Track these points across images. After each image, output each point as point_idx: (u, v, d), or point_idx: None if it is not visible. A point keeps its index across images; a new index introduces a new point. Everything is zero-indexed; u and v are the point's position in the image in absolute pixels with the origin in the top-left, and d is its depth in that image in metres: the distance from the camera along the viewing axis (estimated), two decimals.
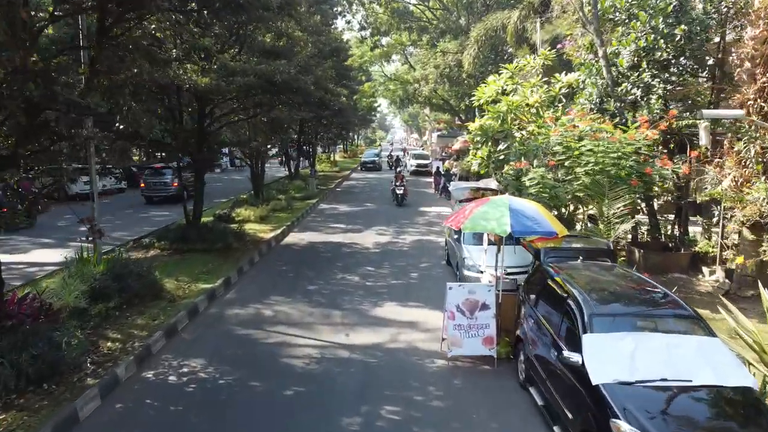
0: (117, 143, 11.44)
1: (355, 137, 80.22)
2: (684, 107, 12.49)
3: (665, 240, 13.70)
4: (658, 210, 13.88)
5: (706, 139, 9.17)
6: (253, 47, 15.45)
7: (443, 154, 44.77)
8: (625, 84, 12.27)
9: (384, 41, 38.26)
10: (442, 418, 6.70)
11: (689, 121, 11.44)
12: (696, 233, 13.81)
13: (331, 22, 32.42)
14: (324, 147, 49.72)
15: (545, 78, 15.07)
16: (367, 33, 36.77)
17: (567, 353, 5.72)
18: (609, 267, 7.73)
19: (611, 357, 5.42)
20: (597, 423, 5.13)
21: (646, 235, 14.08)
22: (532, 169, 11.27)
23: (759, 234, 9.89)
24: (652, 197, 12.94)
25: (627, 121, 11.74)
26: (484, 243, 10.33)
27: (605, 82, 12.65)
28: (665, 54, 11.64)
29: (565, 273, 7.19)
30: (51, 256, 12.96)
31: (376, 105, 54.08)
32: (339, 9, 35.31)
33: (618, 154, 10.23)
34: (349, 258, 14.94)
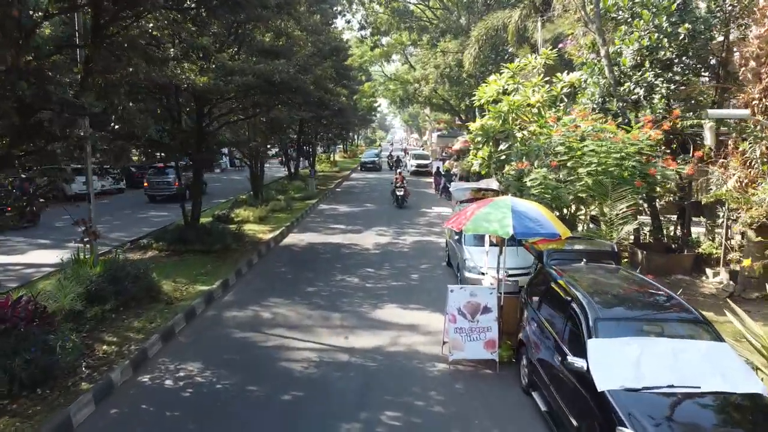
0: (115, 143, 11.33)
1: (355, 137, 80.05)
2: (687, 107, 12.35)
3: (668, 241, 13.57)
4: (660, 211, 13.75)
5: (711, 140, 9.05)
6: (252, 47, 15.33)
7: (443, 154, 44.67)
8: (628, 83, 12.14)
9: (384, 41, 38.10)
10: (443, 424, 6.57)
11: (693, 121, 11.30)
12: (699, 234, 13.67)
13: (331, 21, 32.28)
14: (324, 147, 49.54)
15: (547, 78, 14.93)
16: (367, 32, 36.61)
17: (571, 358, 5.59)
18: (613, 269, 7.60)
19: (617, 363, 5.29)
20: (602, 431, 4.99)
21: (648, 236, 13.95)
22: (533, 170, 11.13)
23: (765, 236, 9.75)
24: (654, 198, 12.81)
25: (630, 121, 11.61)
26: (485, 244, 10.20)
27: (607, 81, 12.52)
28: (668, 53, 11.51)
29: (569, 276, 7.06)
30: (48, 257, 12.83)
31: (376, 105, 53.90)
32: (339, 8, 35.17)
33: (621, 154, 10.10)
34: (349, 259, 14.81)
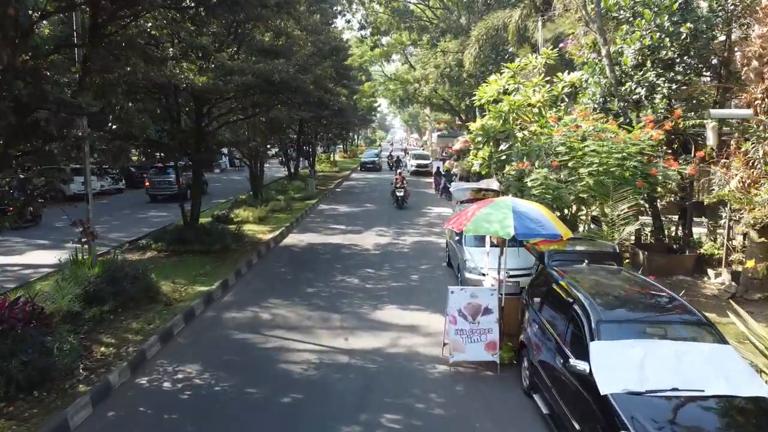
0: (114, 143, 11.27)
1: (355, 137, 79.99)
2: (688, 107, 12.29)
3: (669, 242, 13.51)
4: (660, 211, 13.69)
5: (713, 140, 8.98)
6: (252, 46, 15.27)
7: (443, 154, 44.60)
8: (630, 83, 12.07)
9: (384, 41, 38.02)
10: (443, 426, 6.51)
11: (695, 121, 11.23)
12: (701, 235, 13.61)
13: (331, 21, 32.21)
14: (324, 147, 49.46)
15: (547, 77, 14.87)
16: (367, 32, 36.53)
17: (574, 361, 5.52)
18: (615, 271, 7.54)
19: (620, 365, 5.23)
20: None
21: (649, 237, 13.89)
22: (534, 170, 11.07)
23: None
24: (655, 198, 12.75)
25: (632, 121, 11.54)
26: (486, 245, 10.13)
27: (608, 81, 12.46)
28: (670, 52, 11.44)
29: (570, 277, 7.00)
30: (47, 257, 12.76)
31: (376, 105, 53.84)
32: (339, 8, 35.09)
33: (622, 154, 10.04)
34: (349, 260, 14.75)
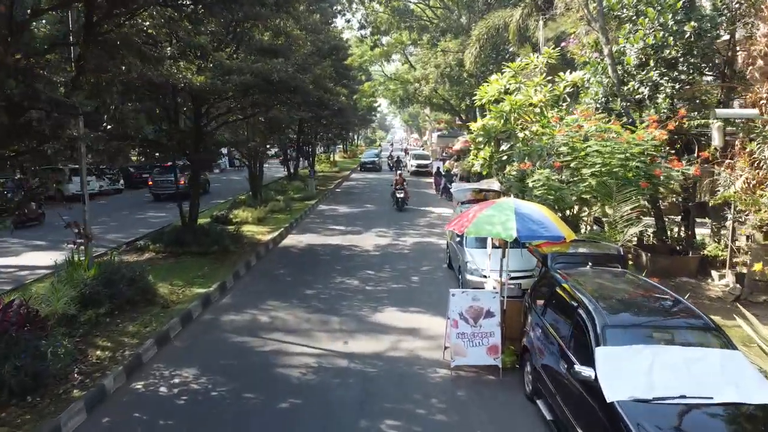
0: (111, 144, 11.14)
1: (355, 137, 79.85)
2: (691, 106, 12.15)
3: (672, 243, 13.37)
4: (663, 212, 13.55)
5: (719, 140, 8.84)
6: (251, 46, 15.13)
7: (444, 154, 44.46)
8: (633, 83, 11.94)
9: (384, 40, 37.84)
10: None
11: (700, 121, 11.08)
12: (704, 236, 13.47)
13: (331, 20, 32.07)
14: (324, 147, 49.31)
15: (549, 77, 14.72)
16: (367, 32, 36.33)
17: (579, 367, 5.38)
18: (619, 273, 7.40)
19: (626, 372, 5.09)
20: None
21: (652, 238, 13.75)
22: (536, 171, 10.93)
23: None
24: (658, 199, 12.61)
25: (635, 121, 11.41)
26: (488, 246, 9.99)
27: (611, 81, 12.32)
28: (674, 52, 11.31)
29: (574, 280, 6.86)
30: (44, 258, 12.62)
31: (376, 105, 53.71)
32: (338, 7, 34.95)
33: (625, 155, 9.90)
34: (349, 261, 14.62)
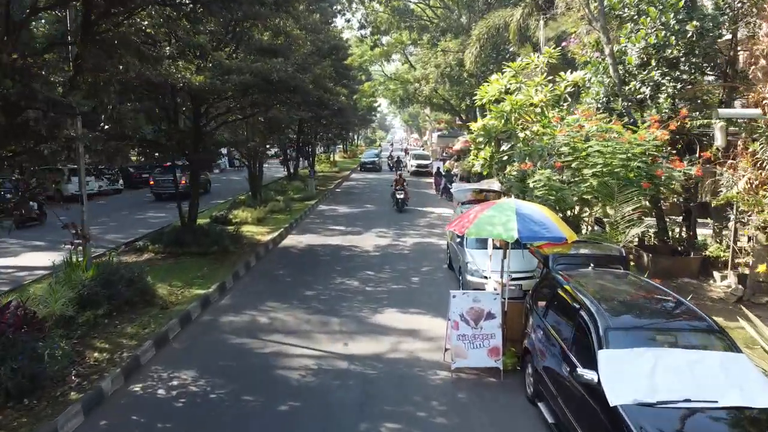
0: (110, 144, 11.07)
1: (355, 137, 79.77)
2: (692, 106, 12.08)
3: (673, 243, 13.30)
4: (664, 212, 13.48)
5: (722, 140, 8.77)
6: (250, 45, 15.07)
7: (444, 154, 44.39)
8: (634, 82, 11.87)
9: (384, 40, 37.78)
10: None
11: (703, 121, 11.01)
12: (706, 237, 13.41)
13: (331, 20, 31.99)
14: (324, 147, 49.23)
15: (549, 77, 14.66)
16: (367, 32, 36.28)
17: (581, 370, 5.32)
18: (622, 275, 7.33)
19: (630, 375, 5.03)
20: None
21: (653, 238, 13.68)
22: (537, 171, 10.87)
23: None
24: (659, 199, 12.54)
25: (636, 121, 11.35)
26: (488, 247, 9.92)
27: (612, 80, 12.26)
28: (676, 51, 11.24)
29: (576, 281, 6.80)
30: (42, 259, 12.55)
31: (376, 105, 53.62)
32: (338, 7, 34.88)
33: (627, 155, 9.84)
34: (349, 261, 14.55)
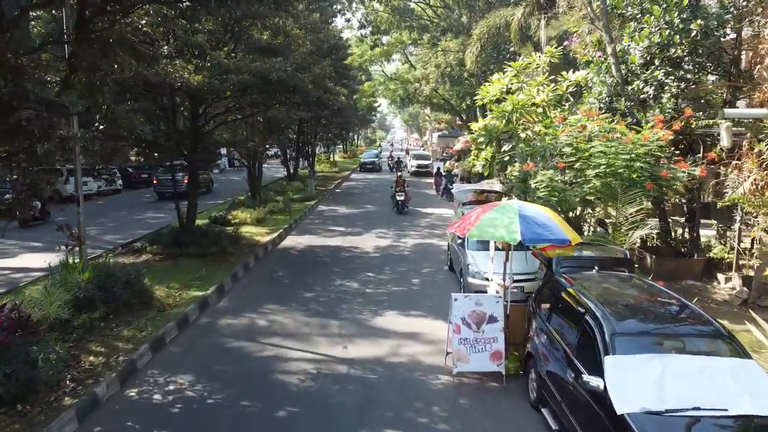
0: (107, 144, 10.94)
1: (355, 137, 79.62)
2: (696, 106, 11.95)
3: (676, 245, 13.16)
4: (667, 213, 13.34)
5: (728, 140, 8.63)
6: (249, 44, 14.94)
7: (444, 154, 44.26)
8: (637, 82, 11.74)
9: (384, 40, 37.63)
10: None
11: (709, 122, 10.87)
12: (709, 238, 13.27)
13: (330, 20, 31.85)
14: (324, 147, 49.09)
15: (551, 76, 14.52)
16: (367, 32, 36.14)
17: (587, 377, 5.18)
18: (626, 278, 7.19)
19: (637, 382, 4.89)
20: None
21: (655, 239, 13.55)
22: (540, 172, 10.74)
23: None
24: (662, 200, 12.41)
25: (640, 121, 11.21)
26: (490, 249, 9.78)
27: (615, 80, 12.13)
28: (680, 50, 11.10)
29: (580, 285, 6.67)
30: (40, 260, 12.40)
31: (376, 105, 53.44)
32: (338, 7, 34.74)
33: (630, 155, 9.71)
34: (348, 263, 14.41)
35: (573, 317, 6.26)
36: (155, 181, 26.29)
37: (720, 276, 11.76)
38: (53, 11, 9.91)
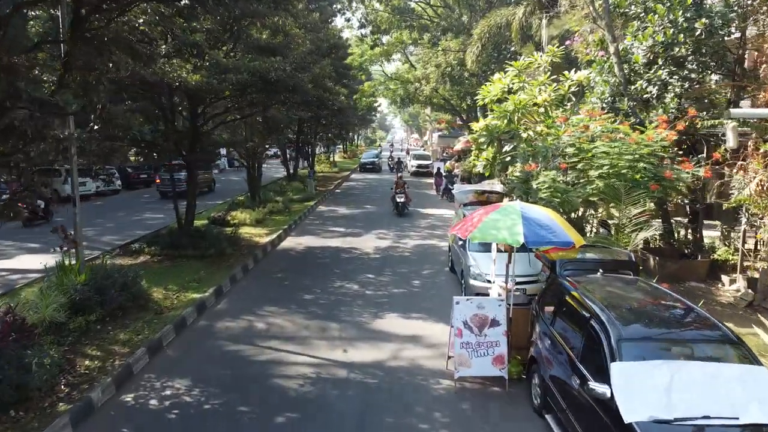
0: (104, 144, 10.81)
1: (355, 137, 79.47)
2: (700, 106, 11.82)
3: (679, 246, 13.03)
4: (669, 214, 13.20)
5: (733, 141, 8.50)
6: (248, 44, 14.81)
7: (444, 154, 44.13)
8: (641, 82, 11.60)
9: (384, 40, 37.49)
10: None
11: (714, 122, 10.73)
12: (713, 239, 13.14)
13: (330, 19, 31.73)
14: (324, 147, 48.94)
15: (553, 76, 14.38)
16: (367, 31, 36.00)
17: (593, 384, 5.05)
18: (631, 281, 7.06)
19: (645, 390, 4.76)
20: None
21: (658, 241, 13.42)
22: (542, 172, 10.60)
23: None
24: (665, 201, 12.28)
25: (643, 121, 11.08)
26: (492, 251, 9.65)
27: (617, 80, 12.00)
28: (683, 50, 10.97)
29: (585, 288, 6.54)
30: (37, 261, 12.28)
31: (376, 105, 53.29)
32: (338, 6, 34.60)
33: (634, 156, 9.57)
34: (348, 264, 14.28)
35: (577, 321, 6.13)
36: (158, 180, 26.51)
37: (724, 278, 11.63)
38: (51, 10, 9.76)
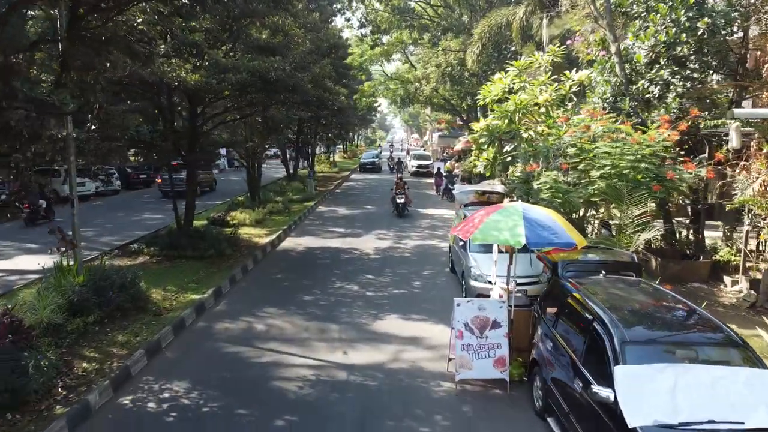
0: (103, 144, 10.75)
1: (355, 137, 79.39)
2: (701, 106, 11.75)
3: (681, 247, 12.96)
4: (671, 214, 13.14)
5: (736, 141, 8.44)
6: (248, 43, 14.75)
7: (444, 154, 44.05)
8: (642, 81, 11.54)
9: (384, 39, 37.42)
10: None
11: (717, 122, 10.66)
12: (714, 239, 13.07)
13: (330, 19, 31.66)
14: (324, 147, 48.86)
15: (554, 76, 14.31)
16: (367, 31, 35.93)
17: (596, 388, 4.98)
18: (634, 283, 6.99)
19: (649, 394, 4.69)
20: None
21: (659, 241, 13.34)
22: (543, 172, 10.53)
23: None
24: (667, 201, 12.21)
25: (645, 121, 11.01)
26: (493, 252, 9.58)
27: (619, 79, 11.93)
28: (686, 49, 10.90)
29: (586, 290, 6.47)
30: (35, 262, 12.20)
31: (376, 105, 53.23)
32: (338, 6, 34.52)
33: (636, 156, 9.50)
34: (348, 265, 14.21)
35: (580, 323, 6.07)
36: (159, 180, 26.83)
37: (726, 279, 11.56)
38: (50, 10, 9.69)
